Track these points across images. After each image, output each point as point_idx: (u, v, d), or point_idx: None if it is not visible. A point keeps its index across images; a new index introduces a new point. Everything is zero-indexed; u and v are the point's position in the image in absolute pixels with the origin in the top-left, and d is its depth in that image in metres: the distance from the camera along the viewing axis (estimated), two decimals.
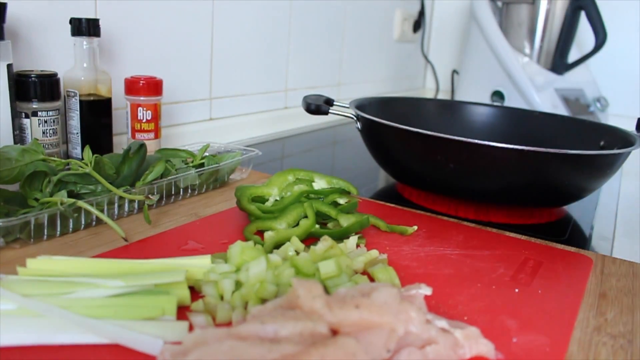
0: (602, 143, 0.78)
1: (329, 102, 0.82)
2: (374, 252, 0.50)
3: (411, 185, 0.72)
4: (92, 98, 0.69)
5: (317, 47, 1.28)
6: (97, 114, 0.70)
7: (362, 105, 0.80)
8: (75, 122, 0.69)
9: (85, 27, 0.67)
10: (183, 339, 0.32)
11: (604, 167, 0.65)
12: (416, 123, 0.67)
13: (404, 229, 0.58)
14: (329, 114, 0.81)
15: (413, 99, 1.03)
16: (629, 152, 0.66)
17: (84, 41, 0.68)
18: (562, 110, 1.30)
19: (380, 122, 0.68)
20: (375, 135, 0.73)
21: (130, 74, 0.76)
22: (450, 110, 1.00)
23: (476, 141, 0.60)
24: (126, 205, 0.57)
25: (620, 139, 0.74)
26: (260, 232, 0.55)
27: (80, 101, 0.68)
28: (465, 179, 0.65)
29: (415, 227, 0.59)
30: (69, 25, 0.68)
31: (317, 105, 0.80)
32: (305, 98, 0.81)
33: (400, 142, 0.69)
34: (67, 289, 0.38)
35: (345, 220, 0.56)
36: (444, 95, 1.82)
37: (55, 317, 0.36)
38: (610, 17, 1.32)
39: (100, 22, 0.69)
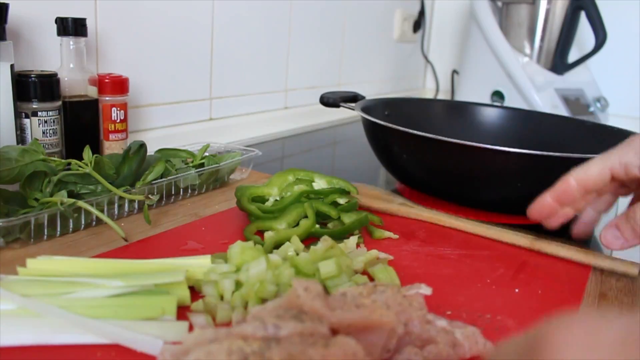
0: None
1: (356, 98, 0.85)
2: (374, 252, 0.51)
3: (418, 189, 0.72)
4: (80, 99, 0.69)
5: (317, 47, 1.28)
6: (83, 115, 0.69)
7: (367, 107, 0.80)
8: None
9: (72, 27, 0.66)
10: (183, 339, 0.32)
11: None
12: (417, 124, 0.67)
13: (380, 234, 0.58)
14: (340, 108, 0.83)
15: (415, 100, 1.03)
16: None
17: (70, 41, 0.67)
18: (562, 110, 1.30)
19: (387, 125, 0.67)
20: (381, 138, 0.73)
21: (130, 74, 0.76)
22: (455, 111, 0.98)
23: (483, 145, 0.59)
24: (126, 205, 0.57)
25: (621, 140, 0.74)
26: (260, 232, 0.55)
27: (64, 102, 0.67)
28: (470, 184, 0.64)
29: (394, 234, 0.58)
30: None
31: (334, 99, 0.84)
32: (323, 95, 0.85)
33: (407, 145, 0.68)
34: (67, 289, 0.38)
35: (348, 218, 0.56)
36: (443, 95, 1.82)
37: (55, 317, 0.36)
38: (610, 17, 1.32)
39: (100, 22, 0.68)
